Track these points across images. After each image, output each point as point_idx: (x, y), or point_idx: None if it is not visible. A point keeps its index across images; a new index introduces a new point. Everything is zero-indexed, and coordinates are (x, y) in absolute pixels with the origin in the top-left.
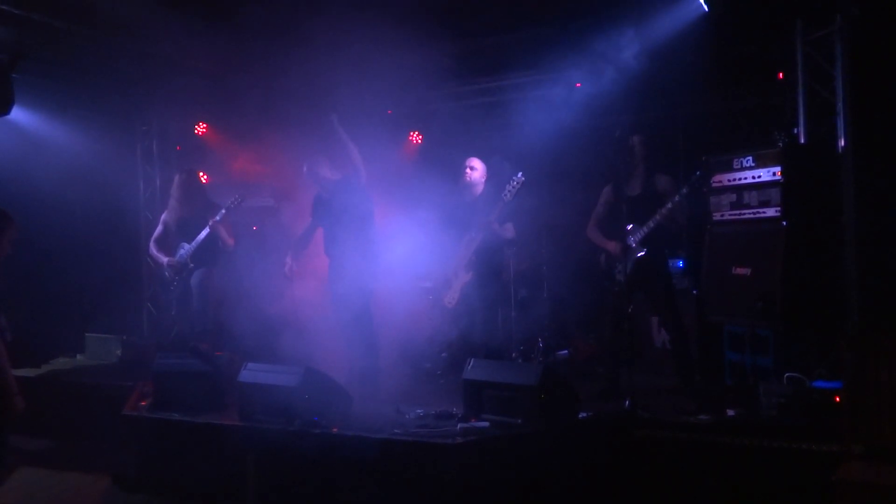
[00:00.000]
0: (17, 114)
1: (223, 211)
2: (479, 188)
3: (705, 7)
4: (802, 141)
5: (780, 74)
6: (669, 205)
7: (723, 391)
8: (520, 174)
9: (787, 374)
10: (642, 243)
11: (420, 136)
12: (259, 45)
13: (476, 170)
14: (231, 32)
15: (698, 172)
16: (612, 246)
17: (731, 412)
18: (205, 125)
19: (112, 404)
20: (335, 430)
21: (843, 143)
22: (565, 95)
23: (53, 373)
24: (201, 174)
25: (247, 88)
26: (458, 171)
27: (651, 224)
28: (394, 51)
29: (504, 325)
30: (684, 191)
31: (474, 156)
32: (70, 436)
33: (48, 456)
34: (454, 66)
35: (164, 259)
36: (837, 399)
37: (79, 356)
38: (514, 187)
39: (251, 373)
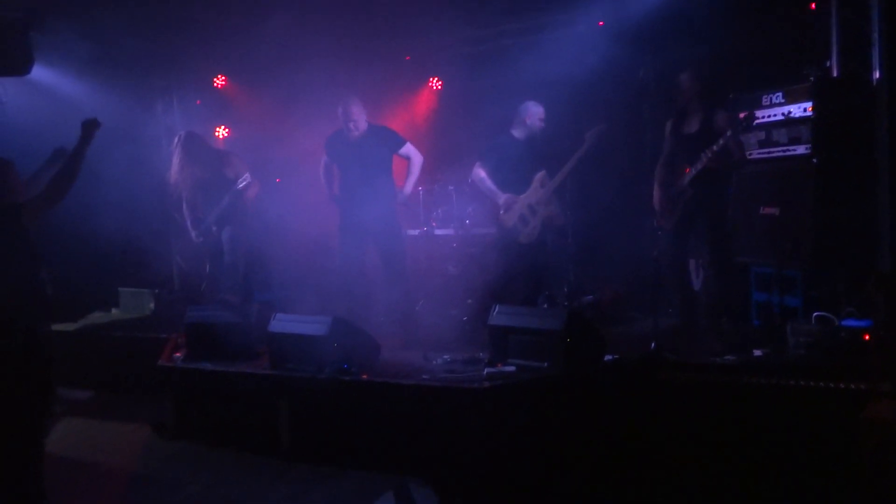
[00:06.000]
0: (39, 72)
1: (236, 189)
2: (540, 127)
3: None
4: (835, 74)
5: (812, 4)
6: (715, 147)
7: (750, 331)
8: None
9: (815, 314)
10: (692, 183)
11: (440, 82)
12: None
13: (542, 113)
14: None
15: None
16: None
17: (758, 352)
18: (223, 78)
19: (148, 356)
20: (364, 376)
21: (877, 74)
22: (587, 35)
23: (91, 326)
24: (222, 127)
25: (265, 39)
26: (513, 114)
27: (701, 163)
28: None
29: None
30: (728, 133)
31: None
32: (109, 387)
33: (90, 407)
34: (472, 9)
35: (189, 227)
36: (867, 337)
37: (114, 310)
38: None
39: (280, 323)
